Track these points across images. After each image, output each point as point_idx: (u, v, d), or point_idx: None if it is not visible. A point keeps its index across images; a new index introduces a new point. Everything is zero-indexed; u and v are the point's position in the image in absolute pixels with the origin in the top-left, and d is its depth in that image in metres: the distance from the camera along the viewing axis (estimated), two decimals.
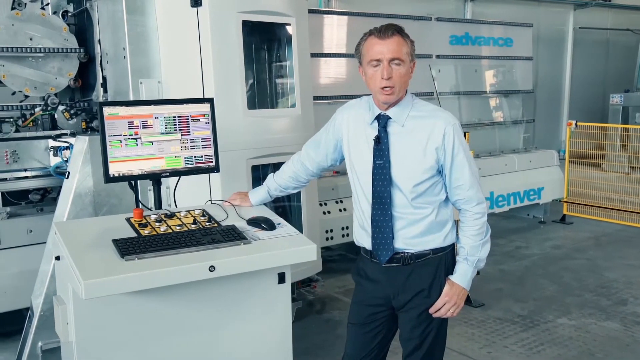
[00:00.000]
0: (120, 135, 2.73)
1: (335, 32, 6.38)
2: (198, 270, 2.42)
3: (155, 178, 2.87)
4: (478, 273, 2.75)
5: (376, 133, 2.56)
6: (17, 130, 4.23)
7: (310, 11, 6.26)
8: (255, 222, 2.78)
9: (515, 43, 7.96)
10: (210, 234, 2.61)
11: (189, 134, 2.89)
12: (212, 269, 2.43)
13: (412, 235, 2.56)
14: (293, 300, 4.82)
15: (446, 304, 2.57)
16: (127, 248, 2.42)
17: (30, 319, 3.80)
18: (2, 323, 4.34)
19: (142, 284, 2.34)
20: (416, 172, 2.51)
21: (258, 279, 2.72)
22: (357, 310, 2.77)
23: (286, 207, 4.62)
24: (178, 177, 2.99)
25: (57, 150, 4.11)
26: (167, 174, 2.88)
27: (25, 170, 4.15)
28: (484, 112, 7.78)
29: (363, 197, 2.62)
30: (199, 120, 2.91)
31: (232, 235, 2.61)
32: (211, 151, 2.95)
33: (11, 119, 4.13)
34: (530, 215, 8.09)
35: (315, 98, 5.39)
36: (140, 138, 2.78)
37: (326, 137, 2.82)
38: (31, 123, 4.30)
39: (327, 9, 8.23)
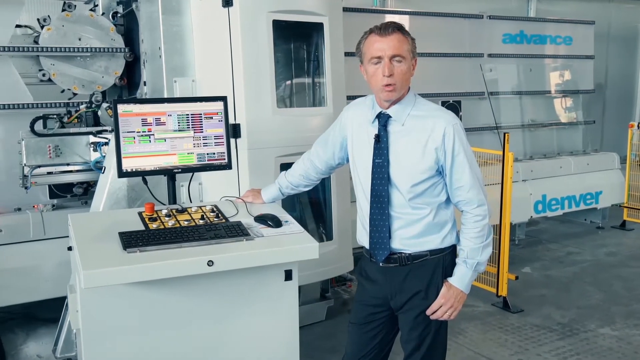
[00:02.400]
0: (134, 132, 2.83)
1: None
2: (196, 264, 2.48)
3: (168, 174, 2.95)
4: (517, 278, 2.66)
5: (376, 131, 2.54)
6: (62, 127, 4.43)
7: (365, 10, 6.33)
8: (262, 219, 2.82)
9: (575, 41, 7.65)
10: (215, 229, 2.67)
11: (202, 132, 2.96)
12: (210, 263, 2.49)
13: (409, 236, 2.54)
14: (326, 298, 4.86)
15: (442, 306, 2.55)
16: (130, 241, 2.51)
17: (66, 306, 3.99)
18: (47, 309, 4.58)
19: (140, 276, 2.42)
20: (414, 172, 2.49)
21: (264, 275, 2.75)
22: (358, 310, 2.77)
23: (321, 205, 4.64)
24: (192, 174, 3.06)
25: (97, 146, 4.28)
26: (179, 170, 2.96)
27: (68, 164, 4.35)
28: (539, 112, 7.50)
29: (363, 196, 2.62)
30: (212, 118, 2.98)
31: (235, 231, 2.66)
32: (224, 148, 3.01)
33: (55, 116, 4.33)
34: (587, 220, 7.78)
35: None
36: (153, 135, 2.87)
37: (333, 135, 2.84)
38: (75, 120, 4.49)
39: (382, 8, 8.24)
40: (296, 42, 4.59)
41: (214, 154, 3.01)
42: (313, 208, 4.75)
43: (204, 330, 2.70)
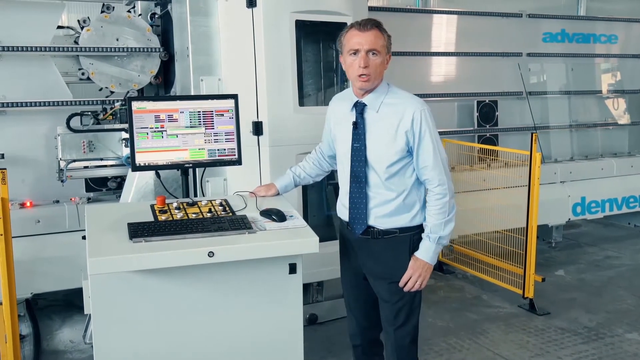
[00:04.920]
0: (147, 127, 2.97)
1: (437, 31, 6.38)
2: (197, 255, 2.58)
3: (179, 168, 3.08)
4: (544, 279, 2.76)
5: (354, 119, 2.81)
6: (98, 123, 4.64)
7: (408, 10, 6.36)
8: (267, 213, 2.91)
9: (622, 40, 7.46)
10: (219, 222, 2.77)
11: (213, 128, 3.07)
12: (211, 254, 2.58)
13: (382, 215, 2.82)
14: None
15: (412, 277, 2.81)
16: (137, 231, 2.63)
17: None
18: (82, 298, 4.79)
19: (143, 264, 2.54)
20: (389, 153, 2.75)
21: (268, 267, 2.83)
22: (346, 275, 3.15)
23: None
24: (204, 168, 3.18)
25: (127, 142, 4.46)
26: (190, 165, 3.08)
27: (101, 159, 4.55)
28: (583, 113, 7.34)
29: (344, 177, 2.91)
30: (223, 115, 3.09)
31: (239, 225, 2.76)
32: (234, 144, 3.12)
33: (90, 113, 4.54)
34: (631, 224, 7.55)
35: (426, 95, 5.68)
36: (165, 131, 3.00)
37: (326, 128, 3.15)
38: (110, 116, 4.69)
39: (427, 8, 8.21)
40: (321, 42, 4.66)
41: (225, 149, 3.13)
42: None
43: (209, 320, 2.79)
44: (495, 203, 5.49)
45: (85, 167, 4.58)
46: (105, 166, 4.62)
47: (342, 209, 2.98)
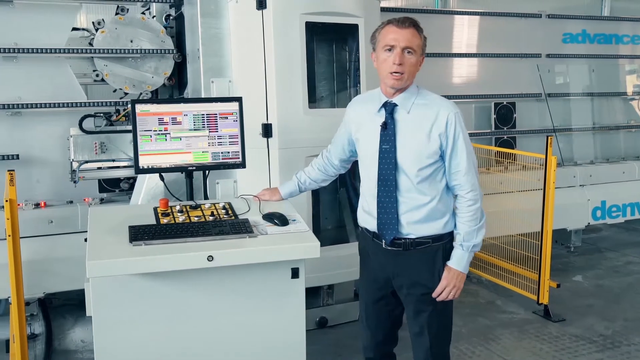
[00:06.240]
0: (151, 130, 2.97)
1: (455, 32, 6.31)
2: (197, 259, 2.58)
3: (182, 171, 3.07)
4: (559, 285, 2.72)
5: (383, 120, 2.69)
6: (110, 124, 4.67)
7: (431, 11, 6.30)
8: (269, 217, 2.89)
9: None
10: (221, 225, 2.76)
11: (217, 131, 3.06)
12: (210, 258, 2.58)
13: (415, 220, 2.70)
14: None
15: (446, 288, 2.72)
16: (137, 234, 2.64)
17: None
18: None
19: (141, 268, 2.54)
20: (421, 156, 2.65)
21: (270, 272, 2.82)
22: (367, 289, 2.97)
23: None
24: (207, 171, 3.17)
25: None
26: (194, 168, 3.08)
27: (113, 160, 4.57)
28: (605, 115, 7.20)
29: (368, 182, 2.77)
30: (227, 118, 3.07)
31: (240, 228, 2.75)
32: (238, 147, 3.10)
33: (102, 114, 4.57)
34: None
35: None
36: (169, 133, 3.00)
37: (341, 131, 3.03)
38: (123, 118, 4.72)
39: (443, 9, 8.14)
40: (334, 44, 4.63)
41: (229, 152, 3.12)
42: (352, 208, 4.78)
43: (211, 324, 2.79)
44: (511, 207, 5.40)
45: (99, 168, 4.62)
46: (118, 167, 4.65)
47: (366, 217, 2.84)
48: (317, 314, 4.64)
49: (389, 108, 2.70)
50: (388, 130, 2.68)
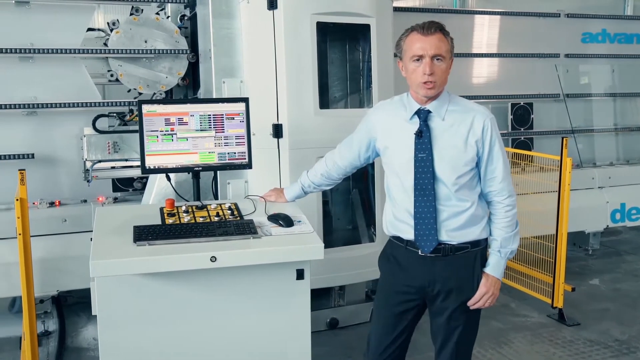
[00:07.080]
0: (157, 130, 2.98)
1: (471, 31, 6.25)
2: (200, 259, 2.58)
3: (189, 171, 3.08)
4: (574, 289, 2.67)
5: (416, 127, 2.63)
6: (124, 124, 4.71)
7: (435, 10, 6.24)
8: (274, 217, 2.89)
9: None
10: (225, 226, 2.76)
11: (223, 132, 3.06)
12: (213, 259, 2.58)
13: (454, 227, 2.64)
14: (371, 299, 4.85)
15: (485, 295, 2.68)
16: (142, 234, 2.65)
17: None
18: None
19: (144, 268, 2.55)
20: (458, 164, 2.60)
21: (275, 273, 2.81)
22: (388, 297, 2.83)
23: (372, 206, 4.64)
24: (214, 172, 3.17)
25: None
26: (200, 168, 3.08)
27: (126, 160, 4.61)
28: (625, 116, 7.08)
29: (402, 191, 2.68)
30: (233, 118, 3.07)
31: (244, 229, 2.74)
32: (244, 148, 3.10)
33: (115, 114, 4.60)
34: None
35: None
36: (175, 134, 3.00)
37: (359, 137, 2.93)
38: (136, 118, 4.75)
39: (458, 9, 8.06)
40: (345, 44, 4.61)
41: (235, 153, 3.11)
42: (364, 209, 4.76)
43: (215, 325, 2.79)
44: (527, 209, 5.32)
45: (112, 168, 4.66)
46: (131, 167, 4.69)
47: (400, 225, 2.73)
48: (327, 315, 4.63)
49: (423, 115, 2.63)
50: (424, 139, 2.60)
